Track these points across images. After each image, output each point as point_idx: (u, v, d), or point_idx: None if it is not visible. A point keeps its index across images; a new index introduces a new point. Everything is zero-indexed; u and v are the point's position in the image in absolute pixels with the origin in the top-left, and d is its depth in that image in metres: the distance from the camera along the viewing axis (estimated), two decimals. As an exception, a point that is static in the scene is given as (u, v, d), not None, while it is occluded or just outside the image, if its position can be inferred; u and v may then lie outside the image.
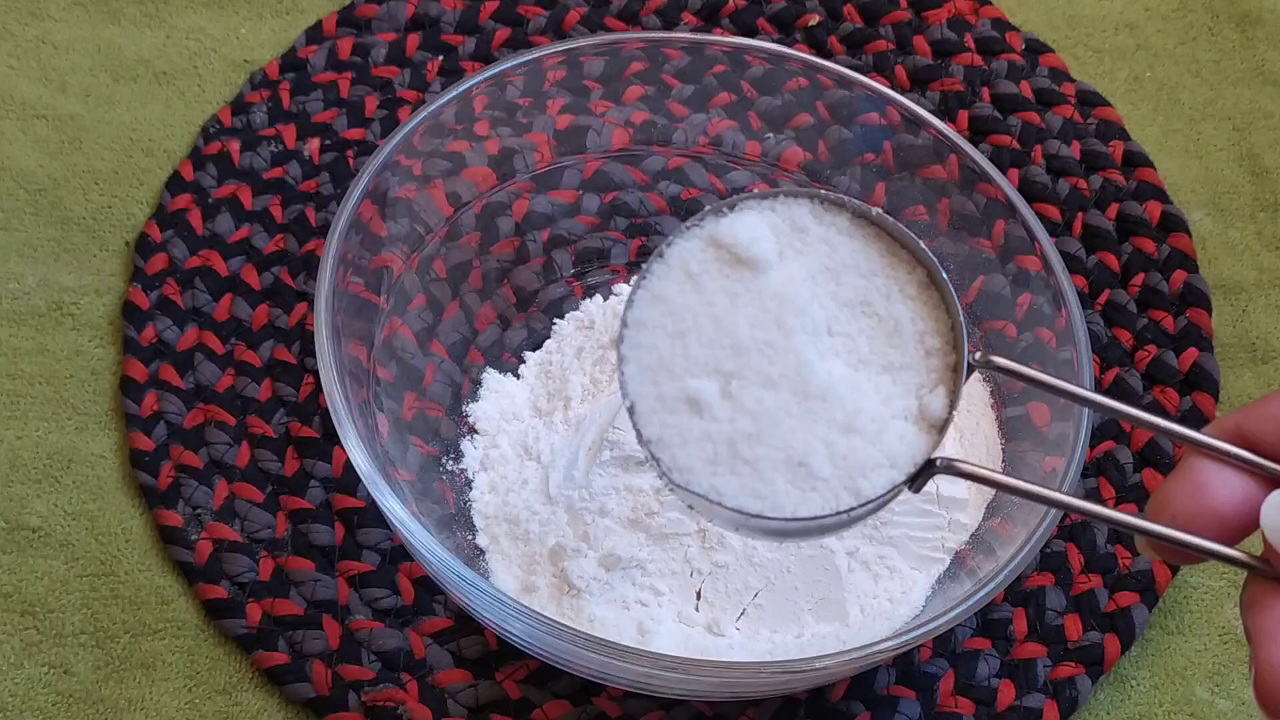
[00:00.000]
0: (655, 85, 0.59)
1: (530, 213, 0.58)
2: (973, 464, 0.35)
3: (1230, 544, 0.32)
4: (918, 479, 0.36)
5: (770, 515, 0.35)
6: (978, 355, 0.36)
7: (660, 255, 0.38)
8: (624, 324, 0.37)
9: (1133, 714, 0.52)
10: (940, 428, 0.36)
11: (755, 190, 0.37)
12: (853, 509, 0.35)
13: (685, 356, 0.37)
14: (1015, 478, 0.36)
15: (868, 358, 0.37)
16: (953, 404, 0.36)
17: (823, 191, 0.38)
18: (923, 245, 0.37)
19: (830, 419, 0.36)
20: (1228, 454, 0.31)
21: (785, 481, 0.35)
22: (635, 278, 0.38)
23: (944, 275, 0.37)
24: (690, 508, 0.38)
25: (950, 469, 0.35)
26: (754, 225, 0.38)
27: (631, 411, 0.37)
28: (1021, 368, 0.36)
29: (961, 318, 0.36)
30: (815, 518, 0.35)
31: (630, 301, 0.38)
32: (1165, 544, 0.32)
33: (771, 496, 0.36)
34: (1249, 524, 0.31)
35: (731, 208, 0.38)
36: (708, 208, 0.38)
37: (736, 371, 0.36)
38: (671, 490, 0.36)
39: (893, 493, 0.36)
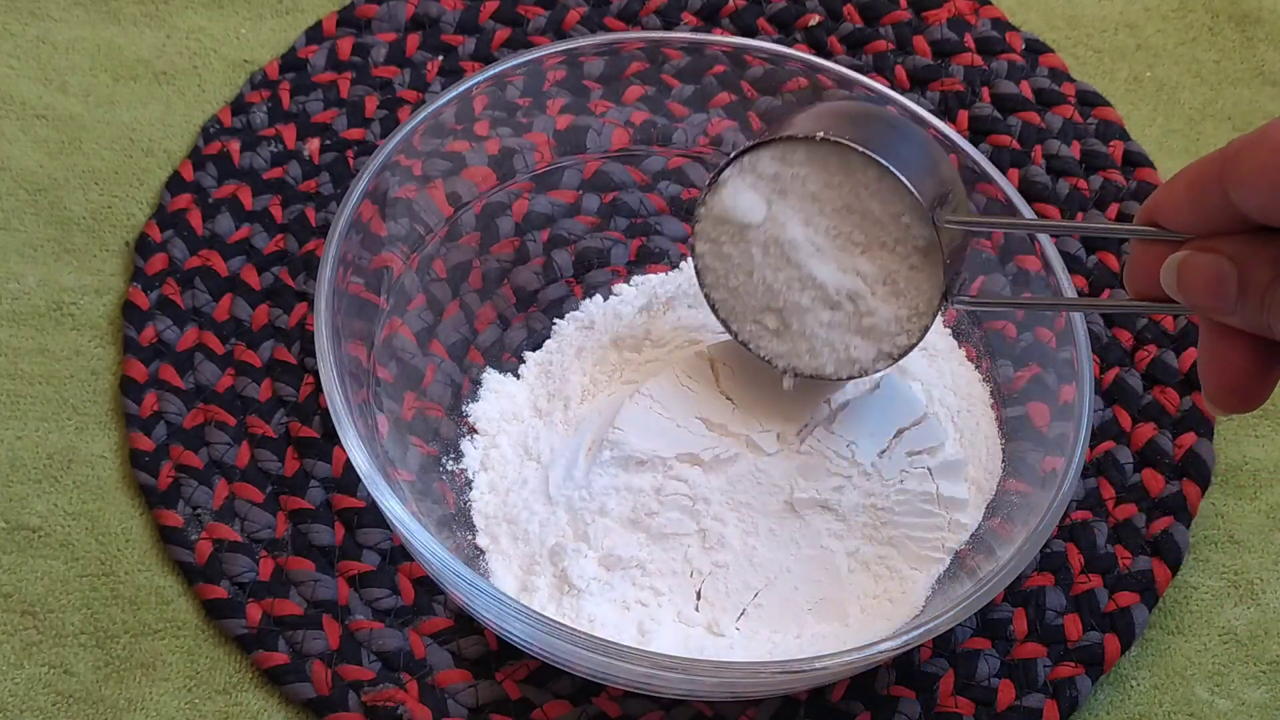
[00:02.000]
0: (655, 85, 0.60)
1: (530, 213, 0.59)
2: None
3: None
4: (939, 310, 0.47)
5: (834, 376, 0.49)
6: (939, 215, 0.45)
7: (693, 232, 0.49)
8: (699, 274, 0.50)
9: (1133, 714, 0.52)
10: (938, 262, 0.46)
11: (723, 161, 0.47)
12: (895, 356, 0.48)
13: (743, 305, 0.50)
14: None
15: (866, 241, 0.47)
16: (943, 253, 0.46)
17: (770, 137, 0.46)
18: (865, 151, 0.45)
19: (854, 312, 0.48)
20: (1147, 234, 0.40)
21: (834, 366, 0.49)
22: (689, 246, 0.50)
23: (890, 165, 0.45)
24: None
25: (959, 301, 0.48)
26: (735, 193, 0.48)
27: (726, 324, 0.50)
28: (979, 216, 0.48)
29: (915, 194, 0.45)
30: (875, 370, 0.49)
31: (696, 269, 0.50)
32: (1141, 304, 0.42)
33: (833, 371, 0.50)
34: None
35: (718, 182, 0.48)
36: (706, 185, 0.48)
37: (782, 307, 0.49)
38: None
39: (922, 334, 0.47)
